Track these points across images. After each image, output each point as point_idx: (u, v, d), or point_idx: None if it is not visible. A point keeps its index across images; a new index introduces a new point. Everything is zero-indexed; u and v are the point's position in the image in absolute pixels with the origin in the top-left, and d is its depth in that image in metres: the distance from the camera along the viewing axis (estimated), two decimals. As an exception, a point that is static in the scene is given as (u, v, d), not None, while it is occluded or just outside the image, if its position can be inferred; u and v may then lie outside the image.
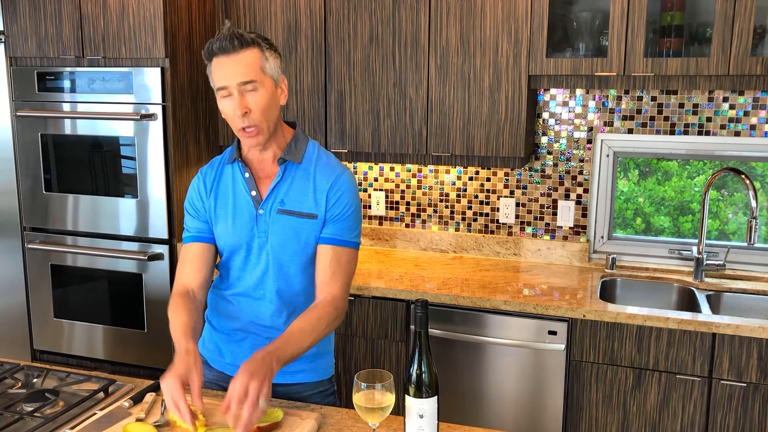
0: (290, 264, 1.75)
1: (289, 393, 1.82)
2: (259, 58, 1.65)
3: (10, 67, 3.17)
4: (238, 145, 1.80)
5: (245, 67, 1.63)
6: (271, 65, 1.68)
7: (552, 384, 2.62)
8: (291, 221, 1.73)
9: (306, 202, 1.73)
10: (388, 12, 2.86)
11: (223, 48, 1.63)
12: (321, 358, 1.86)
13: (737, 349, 2.38)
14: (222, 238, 1.79)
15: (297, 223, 1.73)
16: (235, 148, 1.79)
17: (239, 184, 1.77)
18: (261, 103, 1.65)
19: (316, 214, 1.73)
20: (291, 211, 1.73)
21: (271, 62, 1.68)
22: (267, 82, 1.66)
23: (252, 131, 1.67)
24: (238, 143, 1.80)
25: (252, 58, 1.64)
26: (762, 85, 2.52)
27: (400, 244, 3.36)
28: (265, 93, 1.66)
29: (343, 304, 1.74)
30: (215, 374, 1.88)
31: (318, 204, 1.73)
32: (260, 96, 1.65)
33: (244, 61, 1.63)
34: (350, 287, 1.82)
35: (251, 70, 1.63)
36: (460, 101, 2.83)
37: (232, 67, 1.63)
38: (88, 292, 3.20)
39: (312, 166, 1.77)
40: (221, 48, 1.63)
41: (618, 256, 3.06)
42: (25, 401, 1.68)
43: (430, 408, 1.41)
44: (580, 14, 2.79)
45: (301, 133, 1.80)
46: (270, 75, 1.67)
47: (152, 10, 2.88)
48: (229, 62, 1.63)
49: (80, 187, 3.13)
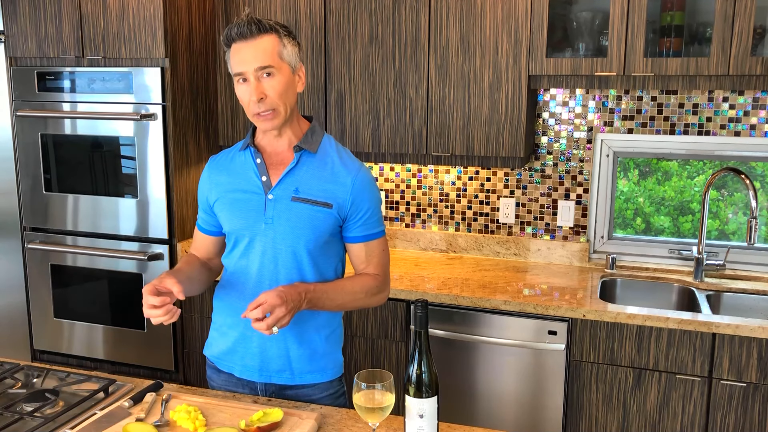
0: (302, 252, 1.74)
1: (298, 396, 1.81)
2: (277, 44, 1.66)
3: (10, 67, 3.17)
4: (252, 133, 1.81)
5: (263, 52, 1.64)
6: (289, 52, 1.69)
7: (552, 384, 2.62)
8: (306, 209, 1.73)
9: (322, 191, 1.73)
10: (388, 12, 2.87)
11: (241, 33, 1.64)
12: (329, 356, 1.84)
13: (737, 349, 2.38)
14: (228, 224, 1.80)
15: (311, 211, 1.73)
16: (249, 135, 1.81)
17: (250, 169, 1.77)
18: (278, 88, 1.66)
19: (332, 203, 1.73)
20: (306, 199, 1.73)
21: (289, 49, 1.69)
22: (284, 68, 1.67)
23: (268, 114, 1.68)
24: (253, 132, 1.82)
25: (270, 43, 1.65)
26: (762, 85, 2.52)
27: (400, 244, 3.36)
28: (282, 79, 1.67)
29: (384, 281, 1.83)
30: (223, 377, 1.87)
31: (336, 196, 1.73)
32: (277, 81, 1.66)
33: (262, 47, 1.64)
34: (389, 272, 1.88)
35: (268, 55, 1.64)
36: (460, 101, 2.84)
37: (249, 53, 1.64)
38: (88, 292, 3.20)
39: (329, 157, 1.77)
40: (239, 33, 1.64)
41: (618, 256, 3.06)
42: (25, 401, 1.68)
43: (430, 408, 1.42)
44: (580, 14, 2.79)
45: (318, 126, 1.82)
46: (287, 62, 1.68)
47: (152, 10, 2.88)
48: (247, 47, 1.64)
49: (80, 187, 3.13)
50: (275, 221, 1.73)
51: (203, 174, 1.87)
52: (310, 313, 1.76)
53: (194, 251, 1.94)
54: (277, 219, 1.73)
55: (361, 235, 1.78)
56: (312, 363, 1.80)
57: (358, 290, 1.77)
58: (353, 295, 1.76)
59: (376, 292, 1.81)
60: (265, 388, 1.82)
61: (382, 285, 1.82)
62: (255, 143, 1.80)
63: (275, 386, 1.82)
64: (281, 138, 1.77)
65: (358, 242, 1.79)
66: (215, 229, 1.88)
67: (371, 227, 1.79)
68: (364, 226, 1.77)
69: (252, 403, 1.70)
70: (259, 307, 1.55)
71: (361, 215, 1.76)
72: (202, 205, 1.89)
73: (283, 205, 1.73)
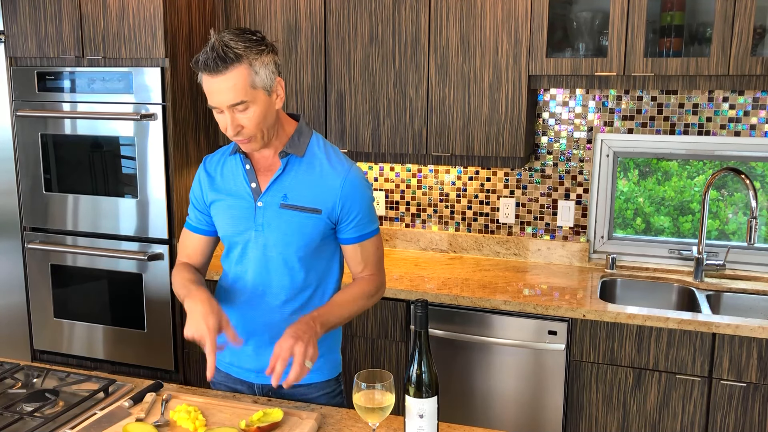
0: (293, 258, 1.74)
1: (294, 395, 1.81)
2: (246, 75, 1.56)
3: (10, 67, 3.17)
4: None
5: (233, 89, 1.56)
6: (262, 76, 1.59)
7: (552, 384, 2.62)
8: (295, 216, 1.71)
9: (310, 196, 1.72)
10: (388, 12, 2.86)
11: (207, 67, 1.55)
12: (326, 356, 1.84)
13: (737, 349, 2.38)
14: (221, 230, 1.79)
15: (300, 217, 1.71)
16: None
17: (240, 175, 1.76)
18: (254, 118, 1.61)
19: (321, 209, 1.72)
20: (294, 206, 1.71)
21: (262, 73, 1.59)
22: (258, 96, 1.59)
23: (245, 141, 1.65)
24: None
25: (239, 77, 1.55)
26: (762, 85, 2.52)
27: (400, 244, 3.36)
28: (257, 109, 1.60)
29: (380, 279, 1.84)
30: (221, 375, 1.88)
31: (325, 200, 1.72)
32: (252, 113, 1.60)
33: (231, 83, 1.55)
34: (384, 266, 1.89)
35: (239, 90, 1.56)
36: (460, 101, 2.83)
37: (220, 90, 1.56)
38: (88, 292, 3.20)
39: (317, 160, 1.74)
40: (206, 67, 1.55)
41: (618, 256, 3.06)
42: (25, 401, 1.68)
43: (430, 408, 1.41)
44: (580, 14, 2.79)
45: (305, 125, 1.77)
46: (261, 87, 1.59)
47: (152, 10, 2.88)
48: (216, 83, 1.56)
49: (80, 187, 3.13)
50: (265, 229, 1.73)
51: (198, 173, 1.85)
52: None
53: (185, 258, 1.87)
54: (267, 226, 1.72)
55: (355, 236, 1.77)
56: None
57: (359, 297, 1.77)
58: (355, 303, 1.76)
59: (375, 292, 1.82)
60: (262, 387, 1.84)
61: (379, 282, 1.84)
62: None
63: (272, 386, 1.82)
64: (267, 146, 1.73)
65: (353, 243, 1.78)
66: (209, 228, 1.85)
67: (364, 227, 1.78)
68: (357, 227, 1.76)
69: (252, 403, 1.70)
70: (279, 361, 1.52)
71: (353, 217, 1.75)
72: (196, 204, 1.85)
73: (272, 212, 1.72)
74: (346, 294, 1.77)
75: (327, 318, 1.67)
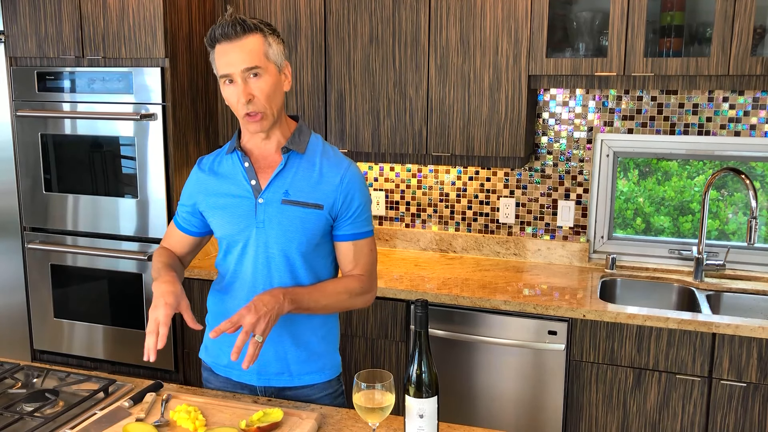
0: (295, 255, 1.74)
1: (296, 396, 1.81)
2: (262, 43, 1.63)
3: (10, 67, 3.17)
4: (238, 136, 1.79)
5: (248, 53, 1.61)
6: (275, 51, 1.66)
7: (552, 384, 2.62)
8: (296, 211, 1.72)
9: (311, 192, 1.72)
10: (388, 12, 2.87)
11: (225, 34, 1.61)
12: (326, 356, 1.84)
13: (737, 349, 2.38)
14: (220, 229, 1.78)
15: (302, 213, 1.72)
16: (235, 138, 1.79)
17: (238, 173, 1.76)
18: (265, 89, 1.64)
19: (322, 204, 1.72)
20: (296, 202, 1.72)
21: (275, 48, 1.66)
22: (271, 68, 1.65)
23: (256, 116, 1.66)
24: (239, 134, 1.80)
25: (255, 44, 1.62)
26: (762, 85, 2.52)
27: (400, 244, 3.36)
28: (269, 79, 1.65)
29: (369, 283, 1.80)
30: (221, 381, 1.87)
31: (326, 196, 1.72)
32: (264, 82, 1.64)
33: (248, 47, 1.62)
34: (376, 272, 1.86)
35: (255, 56, 1.62)
36: (460, 101, 2.84)
37: (235, 54, 1.62)
38: (88, 292, 3.20)
39: (317, 157, 1.75)
40: (224, 34, 1.61)
41: (618, 256, 3.06)
42: (25, 401, 1.68)
43: (430, 408, 1.41)
44: (580, 14, 2.79)
45: (304, 125, 1.79)
46: (273, 61, 1.66)
47: (152, 10, 2.88)
48: (232, 48, 1.62)
49: (80, 187, 3.13)
50: (266, 225, 1.72)
51: (192, 175, 1.85)
52: (305, 315, 1.76)
53: (168, 246, 1.91)
54: (269, 222, 1.72)
55: (350, 234, 1.77)
56: (310, 364, 1.80)
57: (341, 291, 1.75)
58: (336, 296, 1.74)
59: (360, 292, 1.79)
60: (264, 390, 1.83)
61: (367, 286, 1.80)
62: (241, 146, 1.78)
63: (274, 389, 1.82)
64: (269, 140, 1.75)
65: (347, 240, 1.77)
66: (195, 230, 1.87)
67: (360, 226, 1.77)
68: (354, 224, 1.76)
69: (252, 403, 1.70)
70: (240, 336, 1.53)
71: (351, 212, 1.75)
72: (186, 205, 1.86)
73: (274, 208, 1.72)
74: (330, 283, 1.76)
75: (300, 297, 1.66)
